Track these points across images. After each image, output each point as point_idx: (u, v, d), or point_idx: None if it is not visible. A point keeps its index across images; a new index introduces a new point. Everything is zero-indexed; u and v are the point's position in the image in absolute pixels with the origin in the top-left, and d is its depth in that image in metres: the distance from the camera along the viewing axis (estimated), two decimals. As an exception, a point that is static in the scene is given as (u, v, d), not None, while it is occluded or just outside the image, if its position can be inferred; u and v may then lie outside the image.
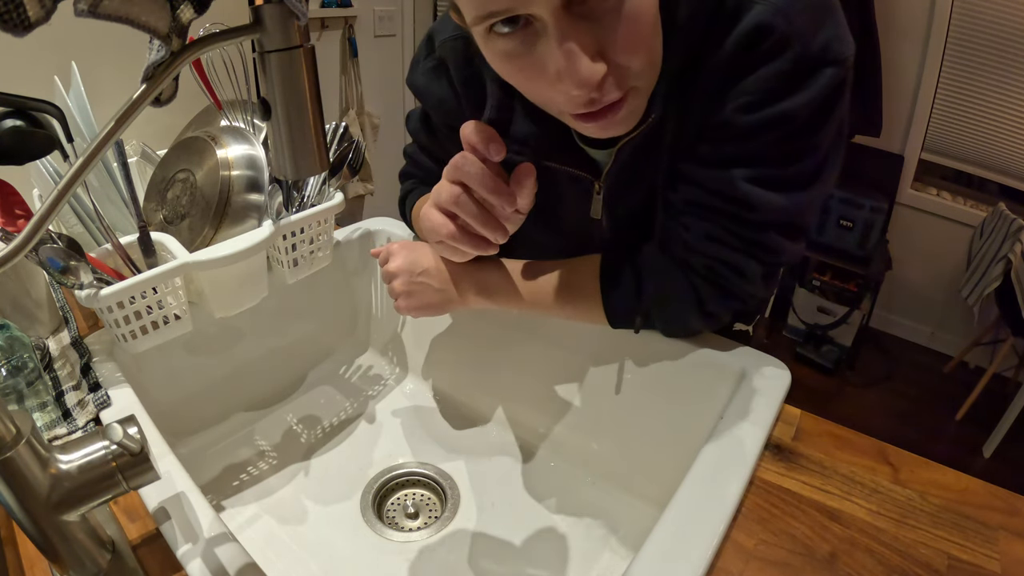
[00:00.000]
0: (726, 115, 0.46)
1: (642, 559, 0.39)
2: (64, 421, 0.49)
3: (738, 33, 0.43)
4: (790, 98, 0.44)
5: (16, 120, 0.39)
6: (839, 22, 0.44)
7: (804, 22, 0.42)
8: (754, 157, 0.47)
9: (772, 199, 0.48)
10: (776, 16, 0.42)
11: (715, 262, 0.52)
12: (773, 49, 0.43)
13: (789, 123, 0.45)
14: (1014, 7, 1.87)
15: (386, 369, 0.83)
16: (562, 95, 0.40)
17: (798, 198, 0.48)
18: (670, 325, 0.57)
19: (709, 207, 0.50)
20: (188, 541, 0.39)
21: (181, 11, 0.26)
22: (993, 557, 0.42)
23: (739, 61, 0.44)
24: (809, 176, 0.48)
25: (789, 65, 0.43)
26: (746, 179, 0.48)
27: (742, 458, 0.47)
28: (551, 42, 0.38)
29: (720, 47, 0.44)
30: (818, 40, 0.43)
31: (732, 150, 0.48)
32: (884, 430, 2.00)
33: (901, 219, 2.31)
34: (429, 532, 0.61)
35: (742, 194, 0.48)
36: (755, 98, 0.45)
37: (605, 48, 0.39)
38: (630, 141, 0.50)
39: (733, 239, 0.51)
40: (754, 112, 0.45)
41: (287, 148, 0.31)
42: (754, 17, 0.42)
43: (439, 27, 0.58)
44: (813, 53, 0.43)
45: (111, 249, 0.56)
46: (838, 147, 0.50)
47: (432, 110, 0.63)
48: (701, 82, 0.46)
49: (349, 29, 2.31)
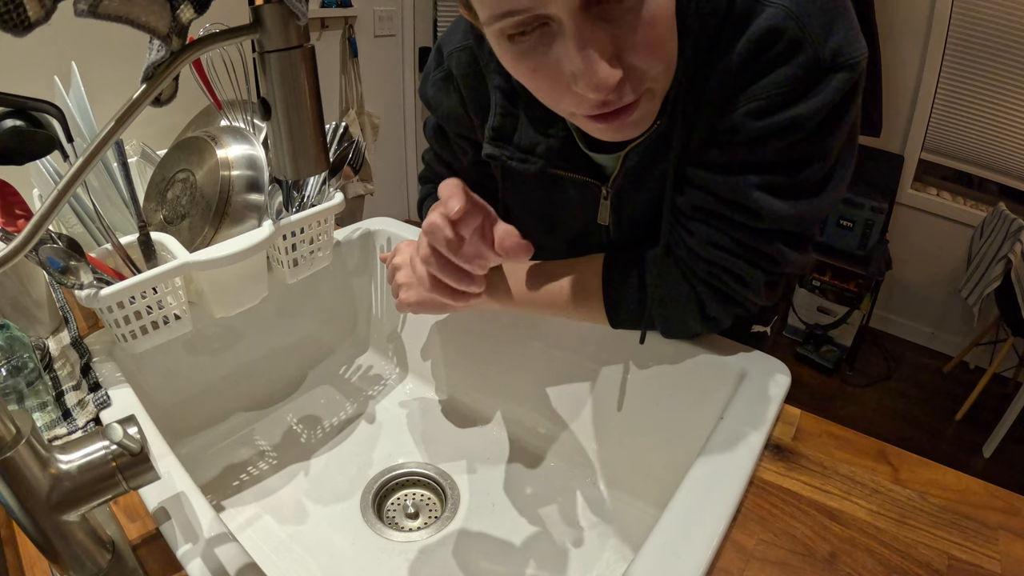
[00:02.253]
0: (736, 120, 0.45)
1: (642, 559, 0.39)
2: (64, 421, 0.49)
3: (749, 36, 0.42)
4: (801, 103, 0.43)
5: (16, 120, 0.39)
6: (851, 24, 0.43)
7: (816, 25, 0.41)
8: (764, 163, 0.47)
9: (779, 208, 0.47)
10: (787, 19, 0.41)
11: (718, 269, 0.52)
12: (784, 53, 0.42)
13: (799, 129, 0.44)
14: (1014, 7, 1.87)
15: (386, 369, 0.83)
16: (576, 97, 0.40)
17: (805, 207, 0.48)
18: (670, 327, 0.57)
19: (716, 213, 0.50)
20: (188, 541, 0.39)
21: (181, 11, 0.26)
22: (993, 557, 0.42)
23: (750, 65, 0.43)
24: (818, 184, 0.48)
25: (800, 70, 0.42)
26: (755, 186, 0.47)
27: (742, 458, 0.47)
28: (568, 43, 0.37)
29: (731, 51, 0.44)
30: (830, 44, 0.42)
31: (742, 156, 0.47)
32: (884, 430, 2.00)
33: (901, 219, 2.31)
34: (429, 532, 0.61)
35: (750, 202, 0.47)
36: (765, 103, 0.44)
37: (622, 51, 0.38)
38: (637, 146, 0.50)
39: (738, 247, 0.50)
40: (764, 117, 0.44)
41: (287, 148, 0.31)
42: (765, 20, 0.42)
43: (447, 38, 0.58)
44: (824, 57, 0.42)
45: (111, 249, 0.56)
46: (850, 153, 0.49)
47: (443, 121, 0.63)
48: (711, 86, 0.46)
49: (349, 29, 2.32)
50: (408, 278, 0.63)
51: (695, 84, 0.46)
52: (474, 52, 0.55)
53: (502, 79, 0.53)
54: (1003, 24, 1.91)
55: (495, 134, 0.54)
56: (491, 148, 0.55)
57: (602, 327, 0.59)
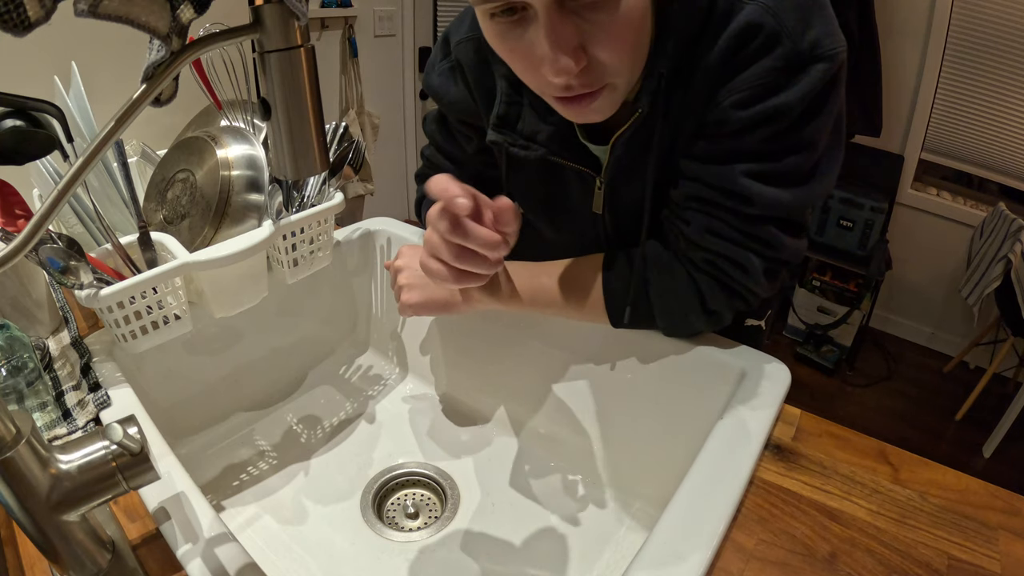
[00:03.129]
0: (721, 112, 0.47)
1: (642, 559, 0.39)
2: (64, 421, 0.49)
3: (729, 33, 0.45)
4: (782, 93, 0.45)
5: (16, 120, 0.39)
6: (828, 19, 0.45)
7: (793, 20, 0.44)
8: (750, 152, 0.48)
9: (769, 193, 0.49)
10: (765, 14, 0.43)
11: (715, 256, 0.53)
12: (764, 46, 0.44)
13: (782, 118, 0.46)
14: (1014, 7, 1.87)
15: (386, 369, 0.83)
16: (543, 79, 0.43)
17: (795, 194, 0.49)
18: (671, 323, 0.57)
19: (708, 201, 0.51)
20: (188, 541, 0.39)
21: (181, 11, 0.26)
22: (993, 557, 0.42)
23: (731, 60, 0.46)
24: (806, 172, 0.49)
25: (780, 61, 0.44)
26: (744, 173, 0.49)
27: (742, 458, 0.47)
28: (540, 30, 0.41)
29: (712, 48, 0.46)
30: (808, 37, 0.44)
31: (729, 145, 0.49)
32: (884, 430, 2.00)
33: (901, 219, 2.31)
34: (429, 532, 0.61)
35: (740, 188, 0.49)
36: (748, 94, 0.46)
37: (587, 44, 0.41)
38: (620, 137, 0.52)
39: (732, 232, 0.51)
40: (748, 108, 0.46)
41: (287, 148, 0.31)
42: (744, 16, 0.44)
43: (454, 29, 0.61)
44: (803, 49, 0.44)
45: (111, 249, 0.56)
46: (836, 146, 0.50)
47: (447, 110, 0.65)
48: (694, 82, 0.48)
49: (349, 29, 2.32)
50: (411, 279, 0.63)
51: (678, 78, 0.48)
52: (481, 42, 0.56)
53: (506, 68, 0.54)
54: (1003, 24, 1.91)
55: (499, 121, 0.57)
56: (495, 135, 0.57)
57: (602, 327, 0.59)
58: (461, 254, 0.47)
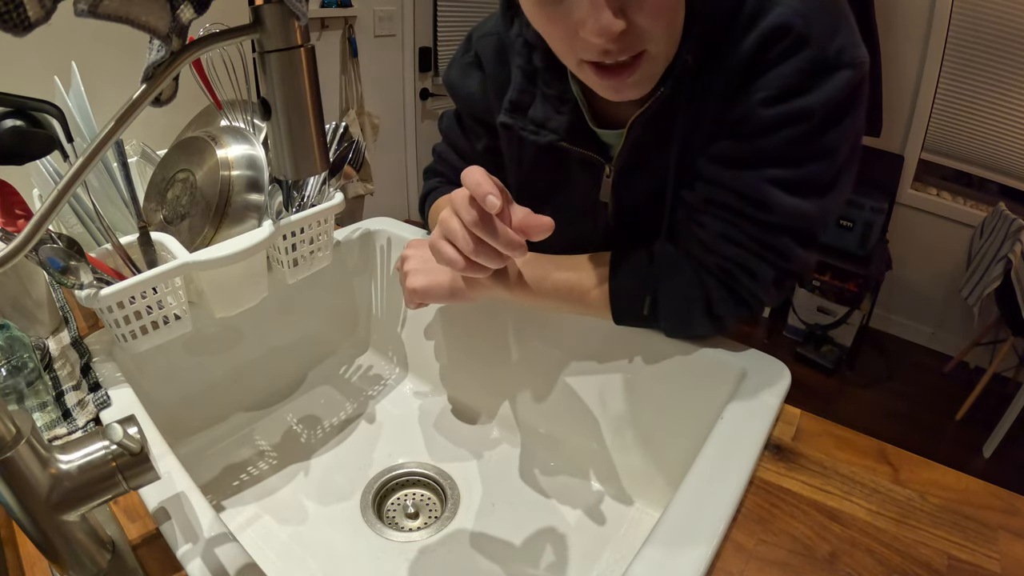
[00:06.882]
0: (745, 110, 0.48)
1: (642, 559, 0.39)
2: (64, 421, 0.49)
3: (758, 32, 0.45)
4: (808, 95, 0.45)
5: (16, 120, 0.39)
6: (853, 31, 0.46)
7: (822, 25, 0.44)
8: (773, 156, 0.48)
9: (790, 202, 0.49)
10: (795, 17, 0.44)
11: (728, 262, 0.53)
12: (792, 47, 0.45)
13: (806, 120, 0.46)
14: (1014, 7, 1.87)
15: (386, 369, 0.83)
16: (582, 42, 0.44)
17: (813, 205, 0.49)
18: (675, 324, 0.57)
19: (726, 206, 0.51)
20: (188, 541, 0.39)
21: (181, 11, 0.26)
22: (993, 557, 0.42)
23: (758, 59, 0.46)
24: (826, 183, 0.49)
25: (807, 63, 0.45)
26: (765, 180, 0.49)
27: (742, 458, 0.47)
28: None
29: (739, 44, 0.46)
30: (835, 43, 0.44)
31: (751, 148, 0.49)
32: (884, 430, 2.00)
33: (901, 219, 2.31)
34: (429, 532, 0.61)
35: (760, 194, 0.49)
36: (773, 93, 0.46)
37: (627, 7, 0.42)
38: (640, 117, 0.52)
39: (747, 239, 0.51)
40: (773, 106, 0.46)
41: (287, 148, 0.31)
42: (775, 18, 0.45)
43: (477, 28, 0.65)
44: (829, 55, 0.44)
45: (111, 249, 0.56)
46: (853, 161, 0.51)
47: (461, 104, 0.68)
48: (719, 77, 0.48)
49: (349, 29, 2.31)
50: (417, 264, 0.63)
51: (703, 68, 0.48)
52: (501, 38, 0.61)
53: (523, 60, 0.57)
54: (1003, 24, 1.91)
55: (512, 106, 0.58)
56: (506, 118, 0.59)
57: (603, 327, 0.59)
58: (480, 247, 0.48)
